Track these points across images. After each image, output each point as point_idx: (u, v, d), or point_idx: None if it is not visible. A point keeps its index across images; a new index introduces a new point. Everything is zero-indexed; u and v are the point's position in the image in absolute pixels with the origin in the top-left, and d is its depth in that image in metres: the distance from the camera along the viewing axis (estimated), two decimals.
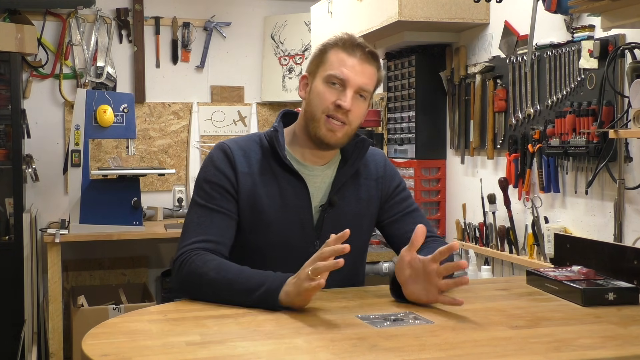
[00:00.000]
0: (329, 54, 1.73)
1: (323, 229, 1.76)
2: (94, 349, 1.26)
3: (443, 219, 3.53)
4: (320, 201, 1.78)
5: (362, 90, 1.72)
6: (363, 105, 1.74)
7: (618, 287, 1.60)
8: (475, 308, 1.56)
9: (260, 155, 1.77)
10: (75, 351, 3.81)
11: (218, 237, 1.69)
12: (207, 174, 1.75)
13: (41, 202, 4.30)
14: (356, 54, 1.71)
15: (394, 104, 3.74)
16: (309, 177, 1.78)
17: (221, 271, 1.58)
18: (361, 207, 1.83)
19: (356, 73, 1.70)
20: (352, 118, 1.72)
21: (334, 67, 1.71)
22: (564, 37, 2.62)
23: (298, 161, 1.79)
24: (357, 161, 1.82)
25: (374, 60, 1.74)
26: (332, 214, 1.78)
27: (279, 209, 1.74)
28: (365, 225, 1.85)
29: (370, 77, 1.73)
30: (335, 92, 1.70)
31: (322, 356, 1.22)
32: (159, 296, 4.42)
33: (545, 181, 2.68)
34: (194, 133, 4.54)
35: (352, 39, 1.73)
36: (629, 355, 1.24)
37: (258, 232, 1.75)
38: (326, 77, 1.71)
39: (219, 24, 4.61)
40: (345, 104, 1.68)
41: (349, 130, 1.74)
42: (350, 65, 1.70)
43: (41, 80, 4.32)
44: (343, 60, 1.71)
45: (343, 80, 1.70)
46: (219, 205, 1.72)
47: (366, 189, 1.84)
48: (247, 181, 1.74)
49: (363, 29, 3.34)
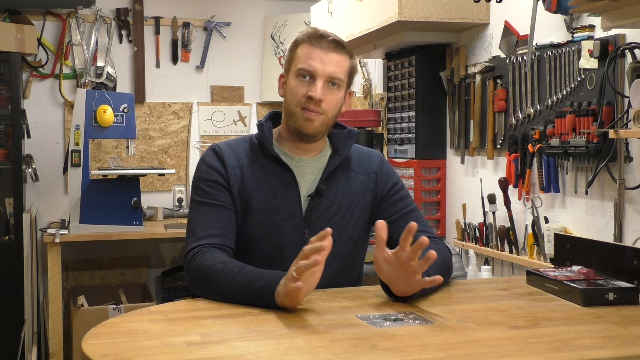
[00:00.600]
0: (297, 50, 1.79)
1: (312, 218, 1.78)
2: (94, 349, 1.26)
3: (443, 219, 3.53)
4: (308, 191, 1.81)
5: (332, 79, 1.76)
6: (337, 93, 1.78)
7: (618, 287, 1.60)
8: (475, 308, 1.56)
9: (249, 150, 1.83)
10: (75, 351, 3.81)
11: (222, 230, 1.73)
12: (200, 172, 1.82)
13: (41, 202, 4.30)
14: (321, 44, 1.76)
15: (394, 104, 3.74)
16: (297, 167, 1.81)
17: (229, 264, 1.62)
18: (352, 199, 1.84)
19: (323, 62, 1.75)
20: (326, 107, 1.76)
21: (301, 60, 1.76)
22: (564, 37, 2.62)
23: (286, 154, 1.83)
24: (345, 150, 1.85)
25: (340, 48, 1.79)
26: (322, 204, 1.80)
27: (268, 199, 1.77)
28: (357, 217, 1.85)
29: (338, 64, 1.77)
30: (305, 85, 1.75)
31: (322, 356, 1.22)
32: (159, 296, 4.43)
33: (545, 181, 2.68)
34: (194, 133, 4.54)
35: (315, 30, 1.79)
36: (629, 355, 1.24)
37: (248, 222, 1.78)
38: (296, 72, 1.77)
39: (219, 24, 4.61)
40: (315, 94, 1.73)
41: (326, 119, 1.78)
42: (317, 57, 1.75)
43: (41, 80, 4.32)
44: (309, 53, 1.76)
45: (311, 72, 1.75)
46: (216, 199, 1.76)
47: (358, 183, 1.86)
48: (237, 173, 1.79)
49: (363, 29, 3.34)
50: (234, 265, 1.61)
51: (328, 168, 1.82)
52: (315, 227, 1.77)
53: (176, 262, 4.51)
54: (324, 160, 1.85)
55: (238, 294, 1.55)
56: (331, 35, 1.79)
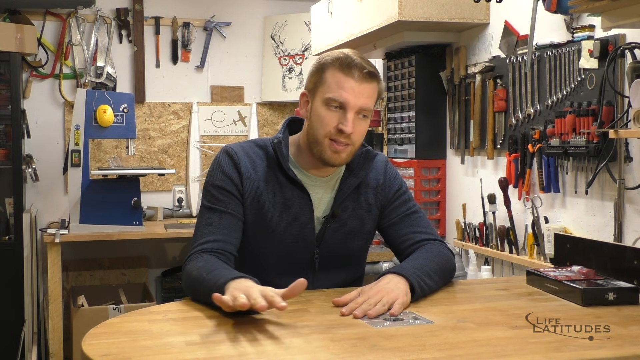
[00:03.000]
0: (326, 74, 1.71)
1: (324, 239, 1.79)
2: (94, 349, 1.26)
3: (443, 219, 3.53)
4: (322, 212, 1.80)
5: (363, 111, 1.71)
6: (365, 124, 1.74)
7: (618, 287, 1.60)
8: (475, 308, 1.56)
9: (265, 162, 1.79)
10: (75, 351, 3.81)
11: (225, 235, 1.72)
12: (215, 178, 1.77)
13: (41, 202, 4.30)
14: (354, 74, 1.68)
15: (394, 104, 3.74)
16: (311, 187, 1.79)
17: (204, 267, 1.59)
18: (361, 216, 1.84)
19: (355, 95, 1.68)
20: (355, 138, 1.72)
21: (332, 89, 1.69)
22: (564, 37, 2.62)
23: (302, 172, 1.80)
24: (361, 172, 1.82)
25: (373, 79, 1.72)
26: (334, 224, 1.80)
27: (282, 217, 1.76)
28: (365, 233, 1.86)
29: (369, 95, 1.71)
30: (336, 116, 1.69)
31: (322, 356, 1.22)
32: (159, 296, 4.42)
33: (545, 181, 2.68)
34: (194, 133, 4.54)
35: (349, 58, 1.70)
36: (629, 355, 1.24)
37: (260, 238, 1.77)
38: (325, 100, 1.70)
39: (219, 24, 4.61)
40: (347, 129, 1.68)
41: (353, 150, 1.74)
42: (349, 87, 1.68)
43: (41, 80, 4.32)
44: (341, 82, 1.68)
45: (342, 103, 1.68)
46: (226, 207, 1.74)
47: (366, 198, 1.85)
48: (252, 187, 1.76)
49: (363, 29, 3.34)
50: (209, 268, 1.58)
51: (345, 191, 1.80)
52: (326, 247, 1.79)
53: (176, 262, 4.51)
54: (336, 178, 1.83)
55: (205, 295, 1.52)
56: (365, 66, 1.70)
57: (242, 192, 1.75)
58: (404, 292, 1.56)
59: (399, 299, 1.52)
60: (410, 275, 1.61)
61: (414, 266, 1.67)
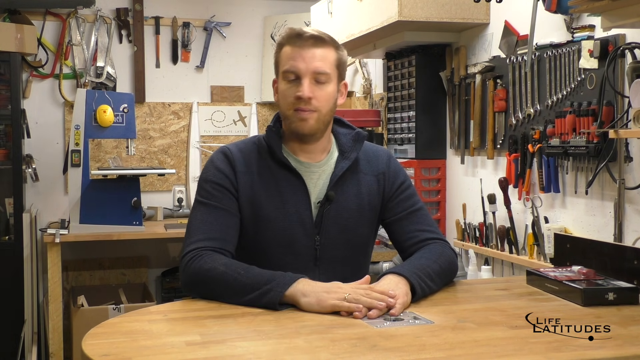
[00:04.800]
0: (281, 53, 1.78)
1: (323, 224, 1.78)
2: (94, 349, 1.26)
3: (443, 219, 3.53)
4: (318, 197, 1.79)
5: (317, 75, 1.73)
6: (326, 88, 1.75)
7: (618, 287, 1.60)
8: (475, 308, 1.56)
9: (258, 155, 1.81)
10: (75, 351, 3.81)
11: (223, 234, 1.71)
12: (208, 174, 1.79)
13: (41, 202, 4.30)
14: (301, 42, 1.74)
15: (394, 104, 3.74)
16: (306, 173, 1.80)
17: (231, 265, 1.61)
18: (361, 201, 1.83)
19: (305, 60, 1.72)
20: (318, 104, 1.74)
21: (285, 62, 1.75)
22: (564, 37, 2.62)
23: (295, 159, 1.81)
24: (352, 153, 1.83)
25: (321, 42, 1.75)
26: (332, 209, 1.79)
27: (278, 206, 1.76)
28: (367, 219, 1.85)
29: (321, 58, 1.74)
30: (293, 86, 1.74)
31: (322, 356, 1.22)
32: (159, 296, 4.43)
33: (545, 181, 2.68)
34: (194, 133, 4.54)
35: (293, 30, 1.77)
36: (629, 355, 1.24)
37: (259, 230, 1.76)
38: (283, 75, 1.76)
39: (219, 24, 4.61)
40: (303, 94, 1.71)
41: (321, 116, 1.76)
42: (299, 56, 1.73)
43: (41, 80, 4.32)
44: (291, 53, 1.74)
45: (295, 72, 1.73)
46: (220, 203, 1.74)
47: (367, 184, 1.84)
48: (246, 180, 1.77)
49: (363, 29, 3.34)
50: (238, 266, 1.61)
51: (336, 173, 1.80)
52: (326, 233, 1.78)
53: (176, 262, 4.51)
54: (331, 163, 1.83)
55: (242, 295, 1.55)
56: (309, 31, 1.76)
57: (236, 186, 1.76)
58: (405, 293, 1.56)
59: (400, 299, 1.52)
60: (411, 276, 1.61)
61: (416, 267, 1.67)
